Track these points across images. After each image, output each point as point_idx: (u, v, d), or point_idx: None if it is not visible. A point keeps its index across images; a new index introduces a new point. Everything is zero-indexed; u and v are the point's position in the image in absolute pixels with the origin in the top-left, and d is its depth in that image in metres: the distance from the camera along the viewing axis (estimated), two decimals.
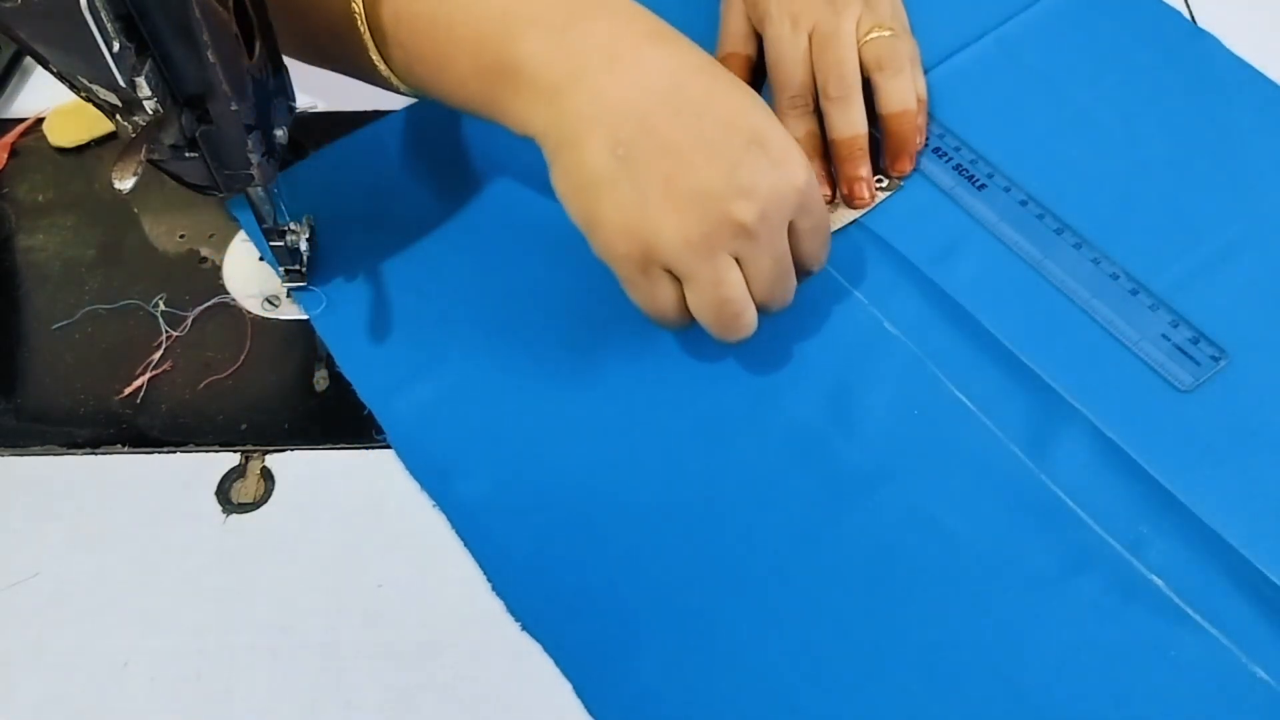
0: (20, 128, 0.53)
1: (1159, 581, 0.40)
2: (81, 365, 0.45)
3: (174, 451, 0.43)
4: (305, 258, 0.46)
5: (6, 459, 0.43)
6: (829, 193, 0.49)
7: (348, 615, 0.40)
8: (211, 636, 0.39)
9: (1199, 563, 0.40)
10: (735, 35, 0.53)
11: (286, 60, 0.41)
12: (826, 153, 0.50)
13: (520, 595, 0.40)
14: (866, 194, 0.49)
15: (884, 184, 0.50)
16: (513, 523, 0.41)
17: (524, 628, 0.39)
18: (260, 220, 0.43)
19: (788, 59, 0.50)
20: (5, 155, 0.52)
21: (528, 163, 0.43)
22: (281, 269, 0.46)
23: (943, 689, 0.38)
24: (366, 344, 0.46)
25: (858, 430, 0.44)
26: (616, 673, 0.38)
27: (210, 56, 0.34)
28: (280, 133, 0.40)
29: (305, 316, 0.47)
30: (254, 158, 0.39)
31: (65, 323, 0.46)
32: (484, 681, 0.38)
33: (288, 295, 0.47)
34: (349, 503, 0.42)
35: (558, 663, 0.39)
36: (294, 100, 0.41)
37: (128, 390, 0.44)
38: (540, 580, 0.40)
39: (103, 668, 0.38)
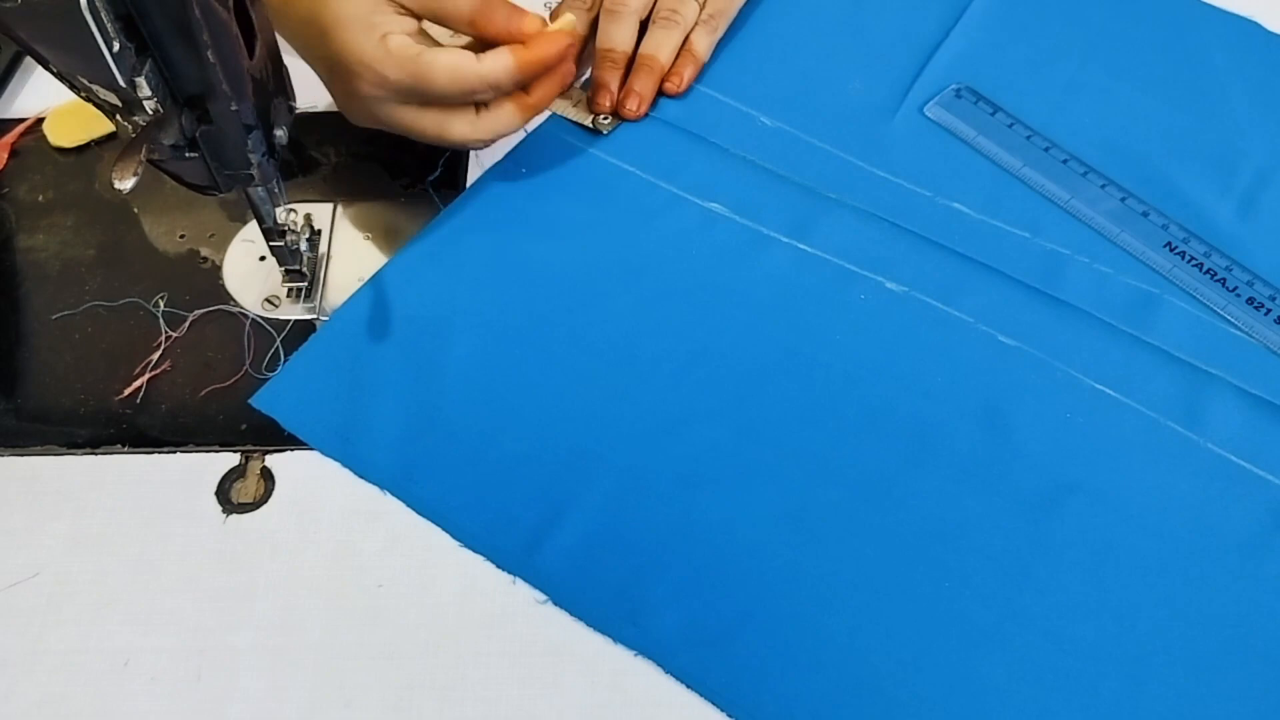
0: (20, 128, 0.53)
1: None
2: (81, 365, 0.45)
3: (174, 451, 0.43)
4: (305, 258, 0.46)
5: (6, 459, 0.43)
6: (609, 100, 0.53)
7: (348, 615, 0.40)
8: (211, 636, 0.39)
9: None
10: None
11: (286, 60, 0.41)
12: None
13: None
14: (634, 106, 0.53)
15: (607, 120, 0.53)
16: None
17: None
18: (260, 220, 0.43)
19: None
20: (5, 155, 0.52)
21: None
22: (281, 269, 0.46)
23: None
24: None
25: (1026, 452, 0.43)
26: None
27: (210, 56, 0.34)
28: (280, 133, 0.40)
29: (305, 317, 0.47)
30: (254, 158, 0.39)
31: (65, 313, 0.47)
32: (484, 681, 0.38)
33: (288, 295, 0.47)
34: (349, 503, 0.42)
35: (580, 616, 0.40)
36: (294, 100, 0.41)
37: (128, 390, 0.44)
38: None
39: (103, 668, 0.38)
